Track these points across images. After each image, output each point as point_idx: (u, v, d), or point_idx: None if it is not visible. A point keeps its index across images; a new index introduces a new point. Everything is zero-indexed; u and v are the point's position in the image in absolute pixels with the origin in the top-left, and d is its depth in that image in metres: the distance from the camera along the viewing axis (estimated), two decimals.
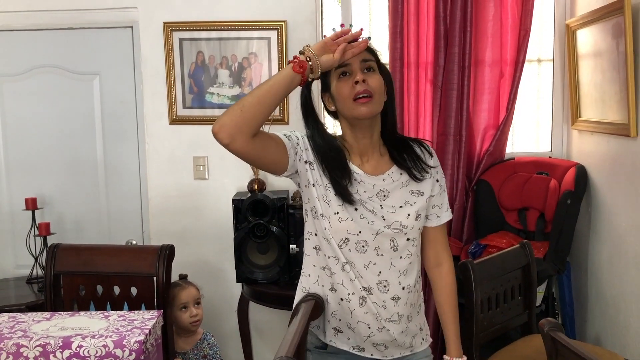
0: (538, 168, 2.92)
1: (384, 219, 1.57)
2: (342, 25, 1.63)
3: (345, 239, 1.58)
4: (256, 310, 3.17)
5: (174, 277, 2.22)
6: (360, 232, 1.57)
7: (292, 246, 2.89)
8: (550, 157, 3.09)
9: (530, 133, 3.24)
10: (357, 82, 1.53)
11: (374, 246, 1.58)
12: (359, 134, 1.61)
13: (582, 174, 2.76)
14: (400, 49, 2.90)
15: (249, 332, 3.18)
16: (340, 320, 1.64)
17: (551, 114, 3.15)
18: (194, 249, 3.20)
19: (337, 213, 1.57)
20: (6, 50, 3.15)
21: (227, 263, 3.06)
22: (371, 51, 1.60)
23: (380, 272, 1.58)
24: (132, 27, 3.11)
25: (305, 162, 1.61)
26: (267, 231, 2.87)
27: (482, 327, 2.14)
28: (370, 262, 1.58)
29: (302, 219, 2.86)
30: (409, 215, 1.58)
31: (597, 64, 2.63)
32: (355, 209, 1.57)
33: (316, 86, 1.66)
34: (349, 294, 1.60)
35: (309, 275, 1.70)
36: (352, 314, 1.61)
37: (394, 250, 1.58)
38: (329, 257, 1.62)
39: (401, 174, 1.62)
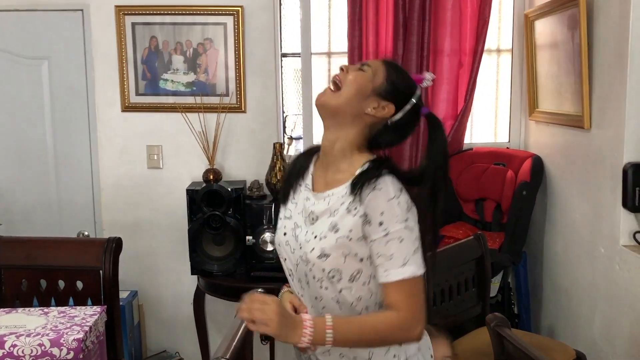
0: (495, 159, 2.92)
1: (301, 248, 1.39)
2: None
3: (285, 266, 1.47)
4: (213, 302, 3.11)
5: (121, 270, 2.14)
6: (285, 259, 1.45)
7: (249, 237, 2.84)
8: (507, 147, 3.09)
9: (489, 124, 3.24)
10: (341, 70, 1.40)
11: (297, 277, 1.43)
12: (324, 131, 1.44)
13: (538, 165, 2.76)
14: (359, 37, 2.86)
15: (205, 324, 3.12)
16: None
17: (509, 105, 3.15)
18: (148, 240, 3.12)
19: (278, 244, 1.48)
20: None
21: (182, 255, 2.99)
22: (391, 67, 1.41)
23: (311, 306, 1.42)
24: (82, 10, 2.99)
25: None
26: (223, 222, 2.82)
27: (436, 319, 2.13)
28: (299, 293, 1.45)
29: (259, 209, 2.85)
30: (313, 249, 1.35)
31: (554, 55, 2.63)
32: (284, 234, 1.45)
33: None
34: None
35: None
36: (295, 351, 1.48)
37: (314, 287, 1.40)
38: None
39: (344, 201, 1.35)
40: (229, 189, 2.81)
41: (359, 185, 1.32)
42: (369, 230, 1.31)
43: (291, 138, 3.17)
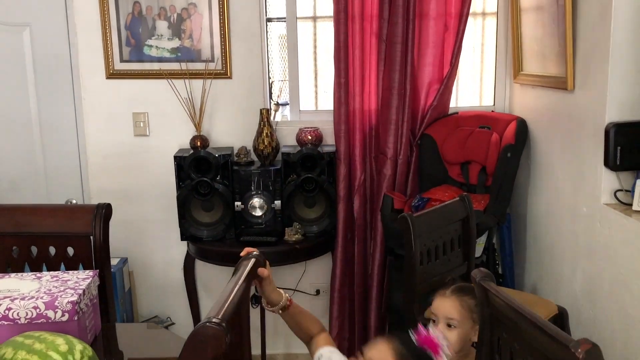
0: (480, 122, 2.95)
1: None
2: None
3: None
4: (203, 267, 3.15)
5: (111, 238, 2.15)
6: None
7: (237, 203, 2.86)
8: (493, 111, 3.12)
9: (474, 87, 3.27)
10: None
11: None
12: None
13: (522, 127, 2.80)
14: (345, 1, 2.84)
15: (195, 289, 3.17)
16: None
17: (494, 69, 3.17)
18: (137, 207, 3.14)
19: None
20: None
21: (171, 221, 3.01)
22: (402, 354, 1.39)
23: None
24: None
25: None
26: (211, 188, 2.83)
27: (422, 278, 2.18)
28: None
29: (247, 175, 2.86)
30: None
31: (539, 17, 2.64)
32: None
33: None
34: None
35: None
36: None
37: None
38: None
39: None
40: (217, 155, 2.82)
41: None
42: None
43: (277, 104, 3.17)
